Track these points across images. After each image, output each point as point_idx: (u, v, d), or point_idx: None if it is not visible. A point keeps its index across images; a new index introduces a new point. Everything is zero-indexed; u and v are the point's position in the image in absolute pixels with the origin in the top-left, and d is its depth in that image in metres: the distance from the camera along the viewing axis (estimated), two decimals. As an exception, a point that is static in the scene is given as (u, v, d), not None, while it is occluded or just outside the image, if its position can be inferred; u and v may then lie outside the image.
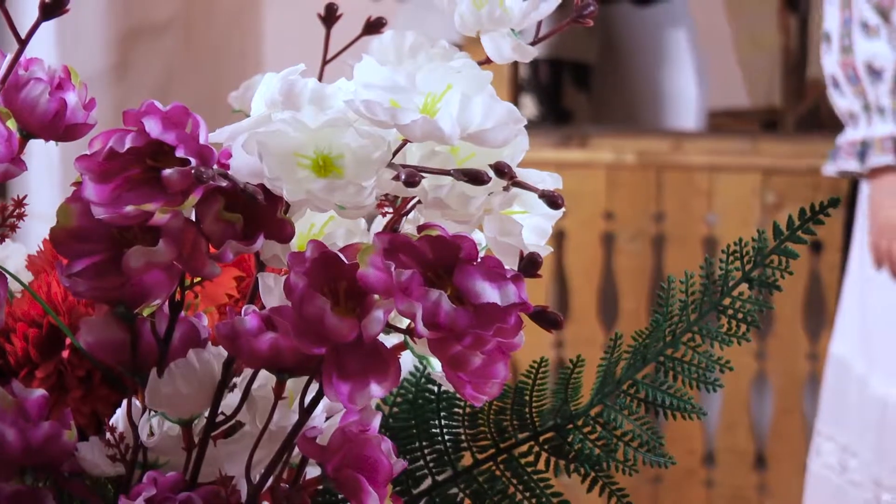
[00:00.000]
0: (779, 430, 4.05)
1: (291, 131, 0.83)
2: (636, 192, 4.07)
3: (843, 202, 3.61)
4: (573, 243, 4.12)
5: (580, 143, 4.11)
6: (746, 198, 3.98)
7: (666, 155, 4.07)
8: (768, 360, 4.02)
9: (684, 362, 0.99)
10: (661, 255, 4.09)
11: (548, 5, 0.97)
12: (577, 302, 4.15)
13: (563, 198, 0.83)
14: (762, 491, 4.05)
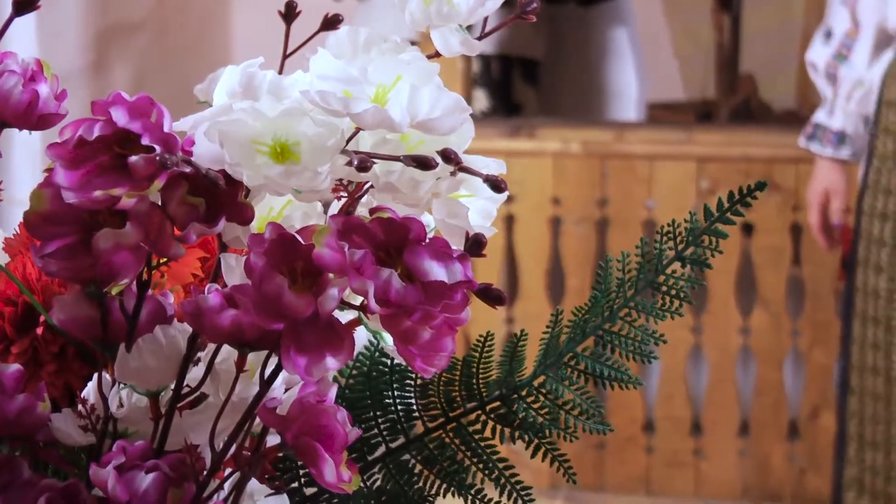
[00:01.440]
0: (713, 398, 4.06)
1: (250, 120, 0.82)
2: (581, 179, 4.07)
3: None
4: (523, 227, 4.12)
5: (529, 133, 4.11)
6: (683, 184, 3.99)
7: (609, 145, 4.07)
8: (703, 334, 4.03)
9: (621, 336, 0.98)
10: (604, 237, 4.09)
11: (493, 2, 0.96)
12: (527, 281, 4.15)
13: (506, 182, 0.82)
14: (698, 455, 4.06)
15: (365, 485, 1.00)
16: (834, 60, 3.05)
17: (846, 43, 3.04)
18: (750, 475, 4.00)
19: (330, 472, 0.86)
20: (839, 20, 3.07)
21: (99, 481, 0.87)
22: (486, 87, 4.58)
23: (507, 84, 4.63)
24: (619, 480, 4.10)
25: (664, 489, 4.07)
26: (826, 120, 3.09)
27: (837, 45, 3.05)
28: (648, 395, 4.11)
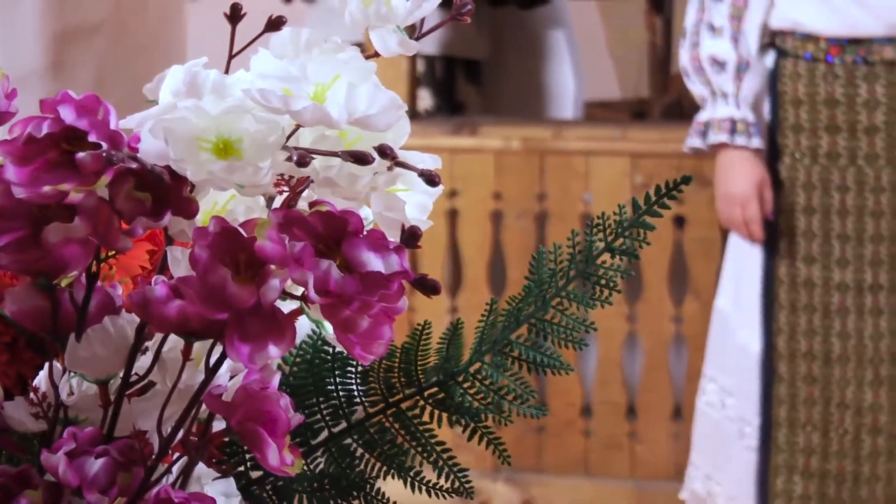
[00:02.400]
0: (647, 384, 4.07)
1: (194, 118, 0.81)
2: (521, 174, 4.07)
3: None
4: (466, 221, 4.12)
5: (471, 131, 4.11)
6: (618, 179, 4.00)
7: (547, 142, 4.08)
8: (638, 322, 4.04)
9: (554, 324, 0.98)
10: (543, 230, 4.10)
11: (430, 4, 0.96)
12: (470, 273, 4.15)
13: (440, 176, 0.82)
14: (633, 438, 4.07)
15: (308, 468, 0.99)
16: (735, 52, 3.02)
17: (734, 36, 3.01)
18: (682, 456, 4.01)
19: (273, 455, 0.86)
20: (719, 15, 3.03)
21: (50, 467, 0.86)
22: (431, 86, 4.58)
23: (450, 84, 4.63)
24: (559, 462, 4.11)
25: (601, 470, 4.08)
26: (738, 113, 3.04)
27: (730, 38, 3.02)
28: (586, 380, 4.11)
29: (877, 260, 2.98)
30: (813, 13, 2.95)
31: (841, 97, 2.96)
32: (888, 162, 2.95)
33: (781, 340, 3.05)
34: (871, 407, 3.01)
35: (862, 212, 2.97)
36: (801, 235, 3.01)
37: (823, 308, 3.02)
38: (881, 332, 2.99)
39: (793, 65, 2.99)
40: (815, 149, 2.99)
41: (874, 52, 2.94)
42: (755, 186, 3.02)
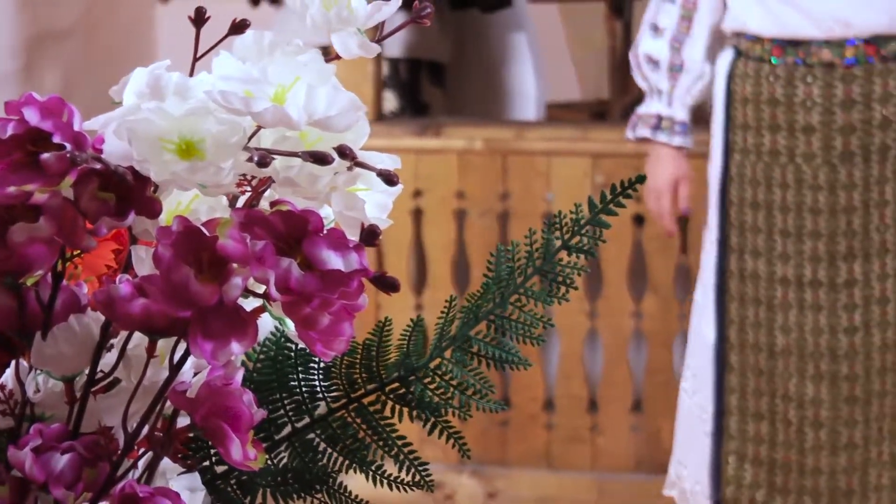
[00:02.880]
0: (608, 378, 4.08)
1: (157, 119, 0.81)
2: (485, 174, 4.07)
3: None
4: (430, 219, 4.11)
5: (436, 132, 4.11)
6: (579, 178, 4.00)
7: (510, 142, 4.08)
8: (598, 318, 4.05)
9: (512, 320, 0.98)
10: (506, 228, 4.10)
11: (389, 8, 0.96)
12: (435, 271, 4.14)
13: (398, 176, 0.82)
14: (594, 430, 4.08)
15: (272, 462, 0.99)
16: (672, 53, 3.05)
17: (678, 38, 3.04)
18: (642, 449, 4.03)
19: (236, 450, 0.86)
20: (667, 16, 3.06)
21: (17, 462, 0.86)
22: (396, 88, 4.57)
23: (415, 86, 4.63)
24: (522, 455, 4.11)
25: (564, 463, 4.08)
26: (668, 111, 3.07)
27: (670, 38, 3.05)
28: (548, 375, 4.12)
29: (815, 256, 2.99)
30: (757, 16, 2.97)
31: (781, 97, 2.97)
32: (824, 161, 2.96)
33: (732, 331, 3.07)
34: (813, 401, 3.02)
35: (801, 209, 2.98)
36: (748, 230, 3.03)
37: (768, 301, 3.03)
38: (821, 328, 3.00)
39: (743, 65, 3.01)
40: (759, 146, 3.00)
41: (812, 55, 2.95)
42: (670, 182, 3.07)
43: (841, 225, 2.97)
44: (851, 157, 2.95)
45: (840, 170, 2.95)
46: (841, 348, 3.00)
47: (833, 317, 2.99)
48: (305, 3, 0.95)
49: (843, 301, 2.98)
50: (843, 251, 2.97)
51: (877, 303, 2.99)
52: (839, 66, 2.94)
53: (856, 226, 2.97)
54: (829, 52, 2.94)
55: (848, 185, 2.96)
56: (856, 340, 2.99)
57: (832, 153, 2.96)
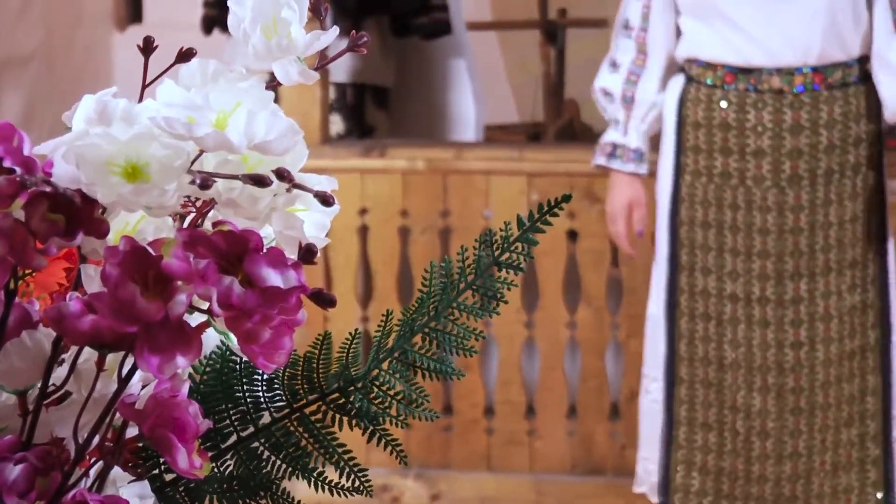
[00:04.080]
0: (545, 384, 4.08)
1: (104, 144, 0.80)
2: (426, 193, 4.07)
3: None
4: (375, 236, 4.11)
5: (380, 153, 4.10)
6: (516, 197, 4.01)
7: (450, 162, 4.08)
8: (535, 328, 4.05)
9: (445, 333, 0.98)
10: (447, 244, 4.10)
11: (327, 37, 0.95)
12: (380, 284, 4.14)
13: (334, 197, 0.81)
14: (532, 434, 4.08)
15: (218, 470, 0.98)
16: (627, 86, 3.06)
17: (634, 71, 3.05)
18: (577, 451, 4.03)
19: (183, 459, 0.85)
20: (624, 51, 3.08)
21: (-29, 473, 0.85)
22: (342, 112, 4.57)
23: (360, 109, 4.62)
24: (464, 458, 4.11)
25: (503, 465, 4.09)
26: (623, 139, 3.08)
27: (626, 72, 3.06)
28: (488, 382, 4.12)
29: (764, 274, 3.00)
30: (711, 44, 2.98)
31: (733, 122, 2.98)
32: (774, 184, 2.98)
33: (682, 345, 3.07)
34: (760, 412, 3.03)
35: (751, 229, 2.99)
36: (699, 248, 3.03)
37: (717, 317, 3.03)
38: (768, 343, 3.01)
39: (696, 90, 3.02)
40: (710, 168, 3.01)
41: (763, 81, 2.96)
42: (624, 206, 3.07)
43: (788, 245, 2.98)
44: (799, 181, 2.97)
45: (788, 192, 2.97)
46: (787, 362, 3.01)
47: (780, 332, 3.00)
48: (247, 32, 0.95)
49: (789, 317, 3.00)
50: (790, 270, 2.99)
51: (821, 319, 3.00)
52: (788, 93, 2.95)
53: (802, 246, 2.99)
54: (779, 79, 2.95)
55: (795, 207, 2.97)
56: (801, 355, 3.01)
57: (781, 176, 2.97)
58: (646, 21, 3.03)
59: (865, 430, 3.05)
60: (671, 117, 3.05)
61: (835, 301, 3.00)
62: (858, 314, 3.01)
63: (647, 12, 3.02)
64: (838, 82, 2.96)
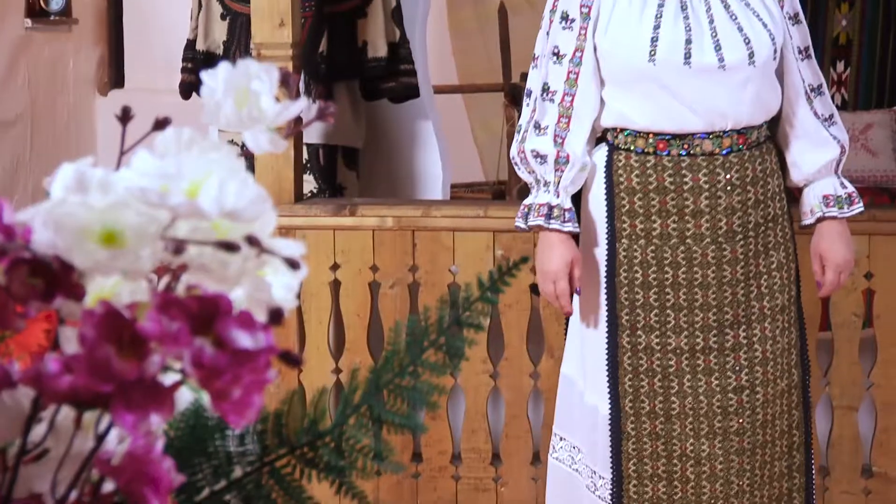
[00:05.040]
0: (509, 432, 4.08)
1: (81, 212, 0.80)
2: (395, 249, 4.08)
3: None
4: (347, 290, 4.11)
5: (351, 211, 4.11)
6: (481, 252, 4.01)
7: (418, 220, 4.08)
8: (501, 378, 4.05)
9: (409, 389, 0.98)
10: (416, 298, 4.10)
11: (296, 107, 0.96)
12: (351, 336, 4.13)
13: (301, 262, 0.82)
14: (497, 481, 4.07)
15: (191, 522, 0.98)
16: (556, 148, 3.03)
17: (560, 133, 3.03)
18: (542, 497, 4.01)
19: (157, 513, 0.85)
20: (547, 115, 3.03)
21: (-47, 528, 0.84)
22: (315, 172, 4.58)
23: (332, 169, 4.63)
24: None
25: (470, 510, 4.08)
26: (557, 200, 3.03)
27: (553, 135, 3.03)
28: (455, 430, 4.11)
29: (706, 325, 3.01)
30: (642, 113, 2.99)
31: (670, 185, 3.00)
32: (712, 240, 3.00)
33: (627, 402, 3.06)
34: (709, 456, 3.03)
35: (692, 284, 3.01)
36: (640, 307, 3.03)
37: (663, 371, 3.04)
38: (713, 389, 3.02)
39: (625, 158, 3.02)
40: (649, 231, 3.02)
41: (696, 146, 2.99)
42: (565, 265, 3.02)
43: (727, 296, 3.00)
44: (734, 235, 3.00)
45: (725, 247, 2.99)
46: (731, 406, 3.02)
47: (723, 378, 3.02)
48: (219, 103, 0.95)
49: (731, 363, 3.02)
50: (730, 319, 3.01)
51: (760, 363, 3.03)
52: (719, 154, 2.99)
53: (739, 296, 3.01)
54: (710, 142, 2.98)
55: (732, 260, 3.00)
56: (743, 398, 3.02)
57: (718, 232, 2.99)
58: (572, 86, 3.01)
59: (793, 462, 3.09)
60: (601, 184, 3.04)
61: (770, 345, 3.03)
62: (787, 355, 3.05)
63: (574, 78, 3.01)
64: (755, 142, 3.02)
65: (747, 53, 2.94)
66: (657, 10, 2.97)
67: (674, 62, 2.94)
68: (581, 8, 3.00)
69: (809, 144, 3.07)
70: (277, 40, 4.04)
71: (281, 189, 4.02)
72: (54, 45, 5.72)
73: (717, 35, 2.95)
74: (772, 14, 3.00)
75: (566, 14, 3.02)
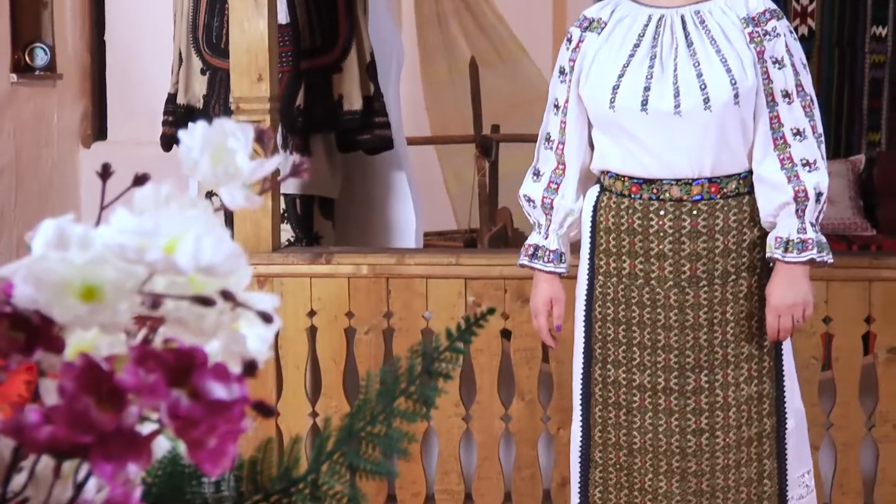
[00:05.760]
0: (481, 474, 4.06)
1: (61, 268, 0.80)
2: (370, 295, 4.07)
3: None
4: (323, 336, 4.10)
5: (327, 259, 4.10)
6: (453, 298, 4.01)
7: (392, 267, 4.08)
8: (473, 421, 4.04)
9: (380, 437, 0.98)
10: (390, 343, 4.09)
11: (270, 164, 0.96)
12: (328, 381, 4.12)
13: (274, 315, 0.82)
14: (470, 522, 4.06)
15: (168, 568, 0.98)
16: (547, 194, 3.13)
17: (555, 180, 3.12)
18: (513, 536, 4.01)
19: (134, 559, 0.84)
20: (546, 162, 3.15)
21: (-66, 575, 0.84)
22: (292, 221, 4.57)
23: (308, 219, 4.63)
24: (407, 544, 4.07)
25: (444, 550, 4.06)
26: (544, 242, 3.13)
27: (547, 181, 3.13)
28: (429, 472, 4.10)
29: (668, 366, 3.03)
30: (618, 159, 3.03)
31: (638, 227, 3.02)
32: (675, 283, 3.01)
33: (597, 432, 3.08)
34: (665, 494, 3.04)
35: (656, 325, 3.03)
36: (610, 342, 3.06)
37: (627, 405, 3.05)
38: (672, 430, 3.03)
39: (607, 199, 3.07)
40: (620, 270, 3.05)
41: (664, 191, 3.01)
42: (545, 304, 3.12)
43: (690, 340, 3.02)
44: (698, 281, 3.01)
45: (688, 291, 3.01)
46: (690, 447, 3.03)
47: (683, 420, 3.03)
48: (196, 160, 0.95)
49: (691, 406, 3.02)
50: (691, 363, 3.02)
51: (721, 408, 3.03)
52: (687, 201, 3.00)
53: (702, 341, 3.02)
54: (679, 189, 3.01)
55: (695, 305, 3.01)
56: (702, 441, 3.03)
57: (681, 277, 3.01)
58: (563, 135, 3.10)
59: None
60: (587, 223, 3.11)
61: (733, 391, 3.03)
62: (755, 403, 3.05)
63: (563, 127, 3.10)
64: (733, 192, 3.02)
65: (702, 98, 2.94)
66: (626, 60, 3.00)
67: (632, 108, 2.97)
68: (569, 62, 3.09)
69: (768, 187, 3.02)
70: (256, 94, 4.04)
71: (259, 238, 4.02)
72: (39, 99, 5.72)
73: (678, 81, 2.97)
74: (740, 57, 2.98)
75: (562, 68, 3.13)
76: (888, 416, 3.90)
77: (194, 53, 4.62)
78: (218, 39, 4.56)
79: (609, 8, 3.10)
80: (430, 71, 7.08)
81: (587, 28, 3.10)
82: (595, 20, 3.10)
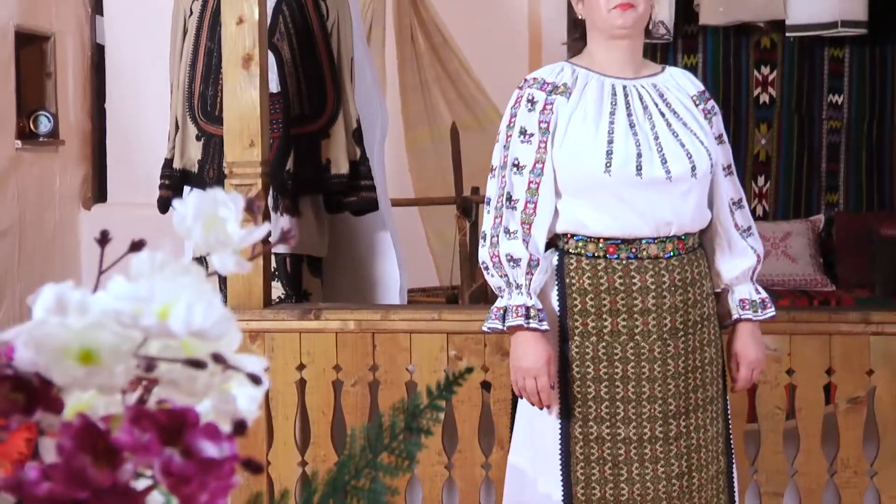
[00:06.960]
0: (463, 520, 4.05)
1: (60, 332, 0.81)
2: (357, 350, 4.07)
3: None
4: (312, 388, 4.09)
5: (316, 315, 4.10)
6: (436, 352, 4.01)
7: (378, 322, 4.08)
8: (455, 469, 4.03)
9: (365, 490, 0.97)
10: (376, 395, 4.08)
11: (260, 232, 0.97)
12: (317, 431, 4.10)
13: (262, 377, 0.82)
14: (452, 566, 4.03)
15: None
16: (533, 252, 3.03)
17: (525, 238, 3.04)
18: (493, 579, 3.98)
19: None
20: (513, 221, 3.05)
21: None
22: (282, 279, 4.57)
23: (298, 277, 4.63)
24: (392, 587, 4.04)
25: None
26: (531, 302, 3.01)
27: (521, 240, 3.03)
28: (413, 518, 4.08)
29: (653, 416, 3.02)
30: (596, 220, 3.01)
31: (620, 286, 3.01)
32: (658, 336, 3.01)
33: (579, 489, 3.05)
34: None
35: (640, 378, 3.01)
36: (591, 400, 3.03)
37: (613, 459, 3.03)
38: (659, 476, 3.02)
39: (576, 262, 3.03)
40: (600, 328, 3.02)
41: (643, 250, 3.01)
42: (545, 363, 2.99)
43: (671, 388, 3.02)
44: (677, 332, 3.02)
45: (669, 342, 3.01)
46: (674, 491, 3.03)
47: (668, 466, 3.02)
48: (189, 227, 0.96)
49: (674, 451, 3.02)
50: (672, 410, 3.02)
51: (695, 450, 3.04)
52: (662, 258, 3.02)
53: (681, 388, 3.03)
54: (655, 247, 3.02)
55: (675, 355, 3.02)
56: (683, 483, 3.03)
57: (664, 329, 3.01)
58: (533, 195, 3.03)
59: None
60: (552, 286, 3.05)
61: (703, 433, 3.05)
62: (716, 443, 3.07)
63: (535, 187, 3.03)
64: (691, 247, 3.07)
65: (690, 166, 3.00)
66: (609, 127, 3.01)
67: (627, 174, 2.98)
68: (540, 124, 3.04)
69: (730, 253, 3.15)
70: (247, 159, 4.06)
71: (251, 295, 4.02)
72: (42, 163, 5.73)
73: (663, 150, 3.01)
74: (705, 132, 3.08)
75: (524, 129, 3.05)
76: (849, 463, 3.90)
77: (190, 121, 4.64)
78: (212, 107, 4.58)
79: (567, 73, 3.08)
80: (414, 136, 7.11)
81: (552, 92, 3.07)
82: (559, 85, 3.07)
